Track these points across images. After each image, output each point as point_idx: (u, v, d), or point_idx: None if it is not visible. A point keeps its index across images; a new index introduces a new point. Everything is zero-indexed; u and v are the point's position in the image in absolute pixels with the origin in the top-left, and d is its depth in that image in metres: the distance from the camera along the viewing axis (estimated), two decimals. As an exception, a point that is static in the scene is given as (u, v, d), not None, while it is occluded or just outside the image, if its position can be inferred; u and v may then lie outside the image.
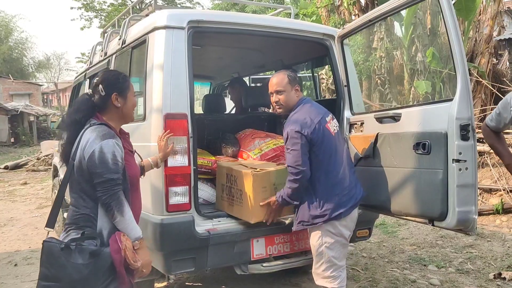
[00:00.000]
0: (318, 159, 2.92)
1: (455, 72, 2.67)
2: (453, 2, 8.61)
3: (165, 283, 4.39)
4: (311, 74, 6.34)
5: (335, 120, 3.14)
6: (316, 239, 3.01)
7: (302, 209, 3.02)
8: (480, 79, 8.78)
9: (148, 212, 3.09)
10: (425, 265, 4.87)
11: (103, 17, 28.10)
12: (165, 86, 3.05)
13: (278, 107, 3.12)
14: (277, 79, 3.09)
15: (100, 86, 2.36)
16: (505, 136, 7.70)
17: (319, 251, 3.00)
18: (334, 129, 3.06)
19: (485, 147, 7.50)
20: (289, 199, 2.99)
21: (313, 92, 7.25)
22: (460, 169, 2.62)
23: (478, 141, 7.85)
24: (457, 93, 2.65)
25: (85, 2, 27.90)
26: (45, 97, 44.37)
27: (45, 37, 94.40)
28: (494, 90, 8.81)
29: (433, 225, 2.83)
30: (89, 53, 5.86)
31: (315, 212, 2.95)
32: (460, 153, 2.61)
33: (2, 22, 40.24)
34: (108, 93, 2.35)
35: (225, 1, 18.33)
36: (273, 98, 3.12)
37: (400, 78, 11.59)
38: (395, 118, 3.12)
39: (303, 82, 8.74)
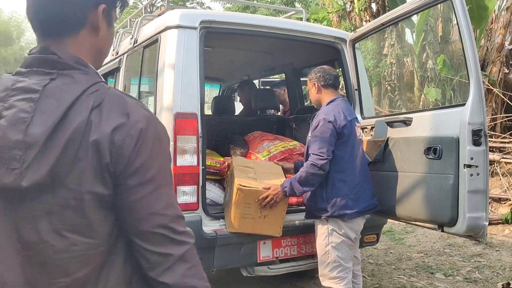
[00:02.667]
0: (338, 155, 2.95)
1: (468, 77, 2.65)
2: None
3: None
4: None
5: (360, 129, 3.22)
6: (322, 238, 3.01)
7: (310, 200, 3.07)
8: (491, 88, 8.72)
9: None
10: (432, 273, 4.82)
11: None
12: (176, 85, 3.05)
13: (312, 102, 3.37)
14: None
15: None
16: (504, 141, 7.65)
17: (325, 250, 3.00)
18: (359, 135, 3.14)
19: (495, 156, 7.45)
20: (299, 185, 2.94)
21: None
22: (471, 175, 2.59)
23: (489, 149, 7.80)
24: (470, 97, 2.62)
25: (97, 4, 28.10)
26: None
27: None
28: (505, 99, 8.74)
29: (442, 230, 2.80)
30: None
31: (322, 205, 2.98)
32: (471, 159, 2.59)
33: (14, 23, 40.64)
34: None
35: (237, 3, 18.38)
36: None
37: (410, 85, 11.55)
38: (406, 123, 3.09)
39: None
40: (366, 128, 3.57)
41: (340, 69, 4.00)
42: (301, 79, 5.61)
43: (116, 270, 1.04)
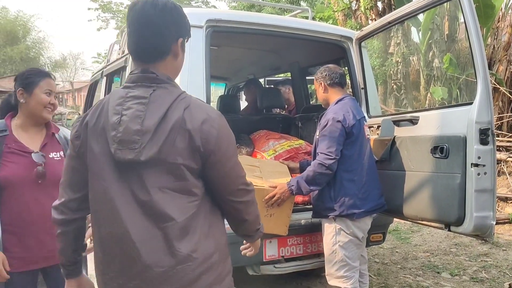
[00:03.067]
0: (346, 154, 2.94)
1: (476, 75, 2.64)
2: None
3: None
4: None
5: (367, 128, 3.23)
6: (329, 237, 3.00)
7: (318, 199, 3.06)
8: (498, 86, 8.67)
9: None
10: (438, 273, 4.80)
11: (119, 18, 28.39)
12: (182, 84, 3.01)
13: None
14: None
15: (14, 82, 2.39)
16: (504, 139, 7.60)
17: (333, 249, 2.99)
18: (367, 134, 3.15)
19: (501, 155, 7.41)
20: (306, 184, 2.93)
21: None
22: (478, 174, 2.58)
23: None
24: (477, 96, 2.61)
25: (102, 4, 28.22)
26: (60, 96, 44.92)
27: (62, 37, 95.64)
28: (512, 98, 8.70)
29: (449, 230, 2.79)
30: (105, 53, 5.91)
31: (329, 205, 2.98)
32: (479, 158, 2.58)
33: (20, 22, 40.81)
34: (16, 88, 2.34)
35: (242, 1, 18.39)
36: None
37: (416, 83, 11.50)
38: (413, 121, 3.08)
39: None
40: (372, 127, 3.56)
41: (346, 68, 3.99)
42: (307, 78, 5.60)
43: (202, 217, 1.51)
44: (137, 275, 1.45)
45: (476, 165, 2.58)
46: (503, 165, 7.35)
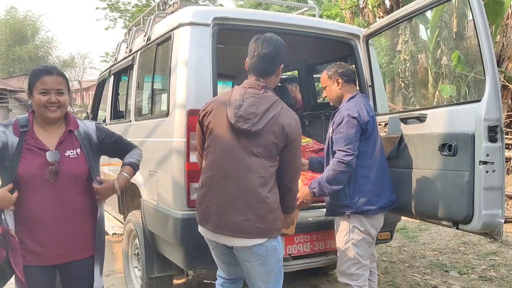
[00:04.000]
0: (361, 150, 2.93)
1: (484, 73, 2.62)
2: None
3: (183, 280, 4.41)
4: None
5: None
6: (343, 235, 3.00)
7: (332, 197, 3.03)
8: (507, 84, 8.60)
9: (169, 207, 3.11)
10: (446, 271, 4.78)
11: (127, 18, 28.47)
12: (189, 82, 3.06)
13: (328, 100, 3.31)
14: (321, 76, 3.28)
15: None
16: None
17: (345, 247, 2.99)
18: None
19: (510, 153, 7.35)
20: (328, 185, 2.89)
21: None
22: (487, 171, 2.56)
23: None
24: (485, 93, 2.59)
25: (110, 3, 28.31)
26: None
27: (70, 36, 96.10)
28: (521, 96, 8.62)
29: (457, 228, 2.77)
30: (113, 52, 5.93)
31: (345, 202, 2.96)
32: (487, 155, 2.56)
33: (29, 21, 41.13)
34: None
35: (249, 0, 18.38)
36: (323, 93, 3.31)
37: (424, 81, 11.43)
38: (421, 119, 3.06)
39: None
40: (380, 124, 3.54)
41: (354, 65, 3.97)
42: (314, 75, 5.59)
43: (273, 179, 2.43)
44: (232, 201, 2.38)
45: (485, 162, 2.56)
46: (512, 163, 7.30)
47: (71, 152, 2.33)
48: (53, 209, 2.26)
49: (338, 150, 2.89)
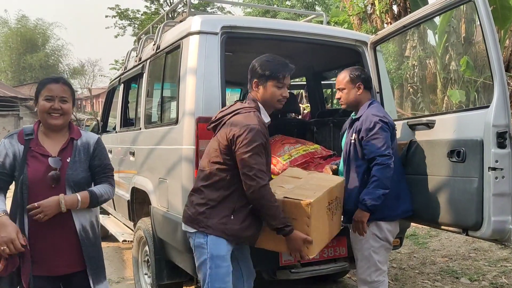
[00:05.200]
0: None
1: (492, 78, 2.62)
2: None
3: (193, 287, 4.42)
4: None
5: None
6: (362, 243, 2.99)
7: (353, 203, 2.97)
8: (517, 89, 8.54)
9: (178, 214, 3.13)
10: (457, 278, 4.75)
11: (136, 25, 28.73)
12: (198, 90, 3.09)
13: (341, 102, 3.24)
14: (339, 77, 3.17)
15: None
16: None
17: (365, 255, 2.99)
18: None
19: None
20: (381, 193, 2.80)
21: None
22: (496, 178, 2.55)
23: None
24: (494, 99, 2.59)
25: (119, 11, 28.58)
26: (79, 102, 45.52)
27: (80, 44, 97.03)
28: (531, 100, 8.56)
29: (467, 234, 2.76)
30: (122, 60, 6.00)
31: None
32: (496, 161, 2.55)
33: (40, 30, 41.55)
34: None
35: (257, 7, 18.49)
36: (337, 95, 3.23)
37: (433, 87, 11.39)
38: (429, 125, 3.06)
39: (335, 90, 8.69)
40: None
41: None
42: (322, 82, 5.60)
43: (221, 179, 2.57)
44: None
45: (494, 168, 2.55)
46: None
47: (73, 159, 2.39)
48: (54, 218, 2.27)
49: (379, 156, 2.82)
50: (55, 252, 2.33)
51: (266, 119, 2.73)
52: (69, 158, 2.38)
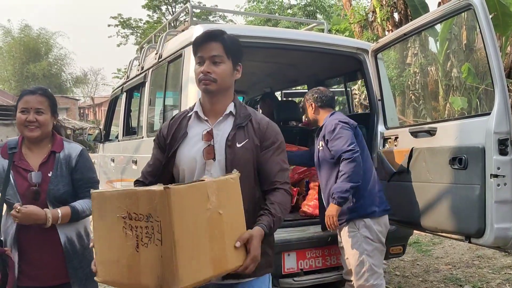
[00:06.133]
0: None
1: (493, 86, 2.63)
2: (490, 16, 8.50)
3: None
4: (344, 89, 6.34)
5: None
6: (355, 247, 3.00)
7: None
8: (519, 95, 8.55)
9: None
10: (461, 286, 4.72)
11: (139, 34, 28.91)
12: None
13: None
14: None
15: None
16: None
17: (360, 260, 3.00)
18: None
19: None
20: (349, 187, 2.90)
21: (346, 107, 7.23)
22: (498, 185, 2.55)
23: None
24: (495, 107, 2.59)
25: (121, 20, 28.78)
26: (81, 111, 45.67)
27: (83, 53, 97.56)
28: (533, 107, 8.55)
29: (469, 242, 2.75)
30: (125, 68, 6.03)
31: (348, 206, 3.01)
32: (498, 168, 2.55)
33: (43, 39, 41.77)
34: None
35: (259, 16, 18.59)
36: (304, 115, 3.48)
37: (435, 94, 11.40)
38: (431, 133, 3.07)
39: (336, 97, 8.72)
40: (390, 138, 3.55)
41: (363, 79, 4.00)
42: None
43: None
44: None
45: (496, 176, 2.55)
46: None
47: (54, 173, 2.32)
48: (36, 230, 2.23)
49: (344, 152, 2.95)
50: (41, 264, 2.30)
51: (199, 111, 2.05)
52: (50, 172, 2.31)
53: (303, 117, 6.73)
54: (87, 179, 2.39)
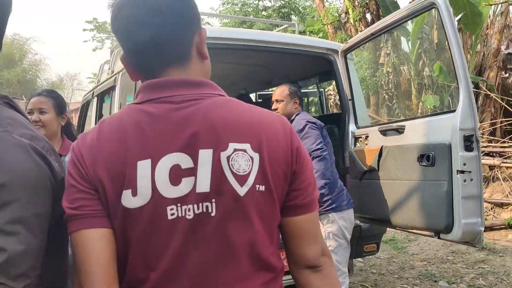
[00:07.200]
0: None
1: (457, 82, 2.67)
2: (459, 16, 8.66)
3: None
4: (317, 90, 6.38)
5: None
6: None
7: None
8: (489, 93, 8.73)
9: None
10: (435, 281, 4.79)
11: (114, 38, 28.62)
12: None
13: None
14: (278, 90, 3.44)
15: None
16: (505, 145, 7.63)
17: None
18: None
19: (495, 161, 7.43)
20: (323, 183, 3.00)
21: (319, 107, 7.27)
22: (464, 180, 2.59)
23: (488, 154, 7.78)
24: (459, 103, 2.64)
25: (97, 24, 28.45)
26: (57, 117, 44.85)
27: (58, 58, 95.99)
28: (503, 104, 8.75)
29: (439, 237, 2.79)
30: (99, 72, 5.95)
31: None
32: (464, 164, 2.59)
33: (17, 45, 41.02)
34: None
35: (234, 19, 18.60)
36: (273, 106, 3.42)
37: (407, 93, 11.57)
38: (399, 131, 3.10)
39: (311, 98, 8.77)
40: (361, 137, 3.58)
41: (334, 79, 4.02)
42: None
43: None
44: None
45: (462, 171, 2.59)
46: (497, 171, 7.37)
47: None
48: None
49: (314, 151, 3.03)
50: None
51: None
52: None
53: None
54: None
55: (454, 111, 2.70)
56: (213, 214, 0.98)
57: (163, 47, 1.04)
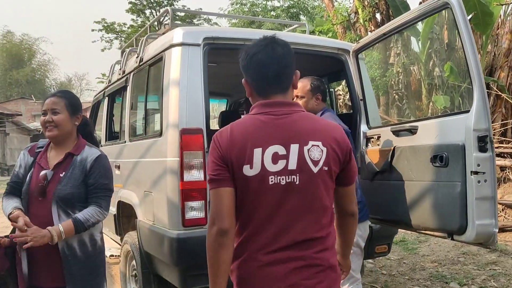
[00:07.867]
0: None
1: (471, 83, 2.65)
2: (470, 16, 8.60)
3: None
4: (327, 89, 6.36)
5: None
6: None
7: None
8: (500, 93, 8.66)
9: (164, 227, 3.10)
10: (446, 283, 4.75)
11: (123, 39, 28.73)
12: (181, 102, 3.08)
13: None
14: (300, 85, 3.11)
15: None
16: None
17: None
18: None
19: (506, 162, 7.37)
20: None
21: (329, 107, 7.24)
22: (478, 181, 2.57)
23: (500, 155, 7.72)
24: (474, 104, 2.61)
25: (105, 25, 28.59)
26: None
27: (67, 59, 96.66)
28: (515, 104, 8.68)
29: (452, 239, 2.77)
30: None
31: None
32: (478, 165, 2.57)
33: (26, 45, 41.36)
34: None
35: (242, 19, 18.61)
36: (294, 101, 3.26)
37: (418, 93, 11.51)
38: (412, 131, 3.09)
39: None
40: (373, 138, 3.56)
41: (345, 79, 4.01)
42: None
43: None
44: None
45: (476, 172, 2.57)
46: (509, 172, 7.31)
47: (66, 174, 2.38)
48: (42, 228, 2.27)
49: None
50: (37, 265, 2.34)
51: None
52: (63, 173, 2.37)
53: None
54: (99, 184, 2.41)
55: (467, 111, 2.68)
56: (297, 183, 1.62)
57: (279, 79, 1.72)
